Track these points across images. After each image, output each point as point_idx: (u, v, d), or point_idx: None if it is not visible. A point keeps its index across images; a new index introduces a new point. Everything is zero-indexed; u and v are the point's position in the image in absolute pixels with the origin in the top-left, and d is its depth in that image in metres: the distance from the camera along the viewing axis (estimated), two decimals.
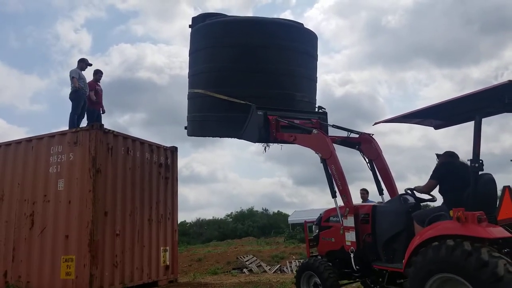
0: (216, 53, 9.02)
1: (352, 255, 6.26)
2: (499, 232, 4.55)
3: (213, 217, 51.01)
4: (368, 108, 77.19)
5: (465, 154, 5.63)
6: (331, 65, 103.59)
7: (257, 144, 8.55)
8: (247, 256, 19.02)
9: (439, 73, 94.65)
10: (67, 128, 9.65)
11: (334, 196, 6.63)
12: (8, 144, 9.89)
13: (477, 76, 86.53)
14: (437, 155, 5.88)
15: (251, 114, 8.02)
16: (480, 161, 4.86)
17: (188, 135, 9.61)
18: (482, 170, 4.98)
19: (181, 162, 10.74)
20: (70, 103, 10.08)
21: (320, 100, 9.89)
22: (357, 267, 6.27)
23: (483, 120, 4.86)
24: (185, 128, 9.66)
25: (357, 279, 6.80)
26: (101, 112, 10.90)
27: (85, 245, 8.32)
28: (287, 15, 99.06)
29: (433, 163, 5.90)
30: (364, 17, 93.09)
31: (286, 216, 47.43)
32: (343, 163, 7.03)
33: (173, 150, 11.18)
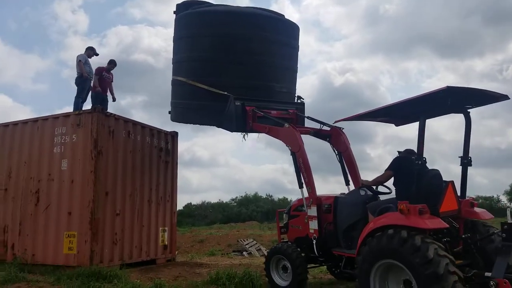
0: (196, 42, 9.27)
1: (314, 242, 6.83)
2: (436, 223, 5.05)
3: (218, 200, 51.62)
4: (370, 97, 76.29)
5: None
6: (332, 53, 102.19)
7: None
8: (247, 240, 19.47)
9: (441, 64, 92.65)
10: (70, 110, 10.07)
11: (301, 187, 7.18)
12: (15, 124, 10.31)
13: (481, 69, 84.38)
14: (398, 152, 6.34)
15: (229, 104, 8.34)
16: (424, 159, 5.36)
17: (172, 120, 9.99)
18: (425, 167, 5.51)
19: (182, 146, 11.23)
20: (69, 83, 10.60)
21: (321, 88, 10.24)
22: (320, 252, 6.84)
23: (489, 114, 5.31)
24: (169, 112, 9.99)
25: (322, 264, 7.37)
26: (112, 100, 11.37)
27: (86, 223, 8.75)
28: (285, 4, 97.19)
29: (435, 154, 6.37)
30: (364, 4, 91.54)
31: (290, 202, 47.59)
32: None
33: (174, 135, 11.53)
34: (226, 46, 9.00)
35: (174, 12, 10.00)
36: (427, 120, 5.60)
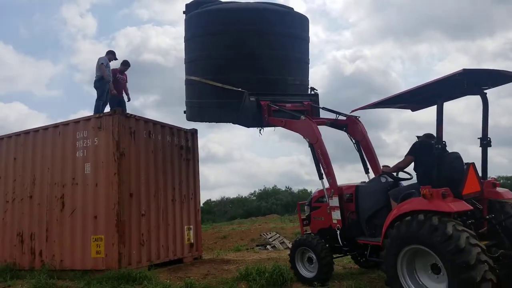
0: (208, 41, 9.31)
1: (338, 232, 6.87)
2: (460, 205, 5.10)
3: (237, 195, 51.70)
4: (382, 84, 75.05)
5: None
6: (341, 41, 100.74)
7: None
8: (270, 233, 19.37)
9: (452, 46, 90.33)
10: (86, 113, 10.08)
11: (321, 178, 7.22)
12: (36, 131, 10.33)
13: (493, 49, 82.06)
14: (418, 137, 6.36)
15: (244, 100, 8.38)
16: (443, 142, 5.42)
17: (187, 120, 10.05)
18: (445, 150, 5.56)
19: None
20: (82, 87, 10.65)
21: (331, 77, 10.26)
22: (344, 242, 6.89)
23: (506, 93, 5.37)
24: (184, 112, 10.03)
25: (347, 253, 7.41)
26: (127, 100, 11.43)
27: (112, 225, 8.74)
28: None
29: (453, 137, 6.37)
30: None
31: (310, 194, 47.35)
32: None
33: (193, 132, 11.46)
34: (238, 43, 9.03)
35: (184, 12, 10.01)
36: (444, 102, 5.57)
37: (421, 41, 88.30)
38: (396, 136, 78.84)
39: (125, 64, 11.41)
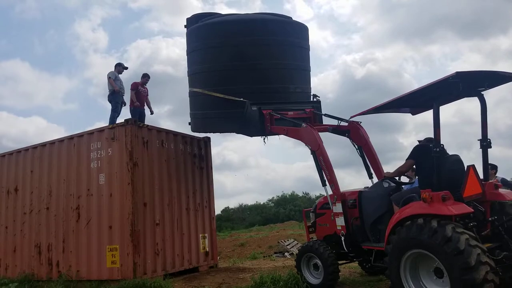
0: (209, 53, 9.46)
1: (343, 238, 6.86)
2: (460, 208, 5.07)
3: (255, 202, 51.53)
4: (394, 85, 73.63)
5: (505, 126, 5.90)
6: (351, 45, 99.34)
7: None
8: (288, 240, 19.23)
9: (465, 45, 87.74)
10: (102, 125, 10.18)
11: (324, 184, 7.23)
12: (52, 143, 10.51)
13: (507, 47, 79.56)
14: (419, 141, 6.38)
15: (246, 110, 8.46)
16: (442, 145, 5.41)
17: (192, 131, 10.21)
18: (445, 153, 5.58)
19: (212, 151, 11.23)
20: (96, 100, 10.79)
21: (342, 82, 10.27)
22: (349, 248, 6.86)
23: None
24: (189, 124, 10.18)
25: (353, 260, 7.37)
26: (150, 113, 11.53)
27: (127, 235, 8.78)
28: (297, 2, 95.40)
29: (472, 137, 6.34)
30: None
31: (316, 201, 46.83)
32: (378, 143, 7.49)
33: (206, 141, 11.46)
34: (238, 54, 9.16)
35: (185, 26, 10.15)
36: (456, 103, 5.55)
37: (432, 42, 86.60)
38: (413, 138, 77.72)
39: (145, 76, 11.53)
